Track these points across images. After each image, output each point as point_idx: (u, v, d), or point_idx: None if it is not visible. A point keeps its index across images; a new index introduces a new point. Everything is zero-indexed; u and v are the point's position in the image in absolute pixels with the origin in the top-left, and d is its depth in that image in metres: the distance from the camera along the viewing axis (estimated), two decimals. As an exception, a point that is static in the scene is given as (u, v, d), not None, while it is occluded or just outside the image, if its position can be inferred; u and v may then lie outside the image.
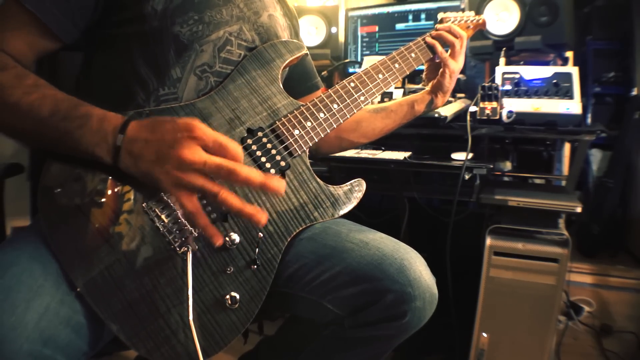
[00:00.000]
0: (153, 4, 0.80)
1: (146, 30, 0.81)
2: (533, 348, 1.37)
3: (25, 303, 0.63)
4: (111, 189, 0.73)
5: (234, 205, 0.66)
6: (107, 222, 0.71)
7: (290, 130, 0.86)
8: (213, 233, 0.69)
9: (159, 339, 0.71)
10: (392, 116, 1.13)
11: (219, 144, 0.66)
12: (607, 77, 2.01)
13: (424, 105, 1.13)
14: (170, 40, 0.82)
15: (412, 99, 1.13)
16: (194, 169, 0.65)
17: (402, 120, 1.15)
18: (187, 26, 0.83)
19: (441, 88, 1.11)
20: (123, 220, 0.72)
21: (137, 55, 0.82)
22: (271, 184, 0.66)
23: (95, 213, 0.71)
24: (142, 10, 0.80)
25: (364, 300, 0.82)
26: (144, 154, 0.67)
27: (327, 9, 2.05)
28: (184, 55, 0.83)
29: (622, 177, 1.83)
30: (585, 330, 1.67)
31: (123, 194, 0.73)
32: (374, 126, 1.13)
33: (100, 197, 0.72)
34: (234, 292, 0.76)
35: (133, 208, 0.73)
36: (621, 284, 1.67)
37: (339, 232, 0.88)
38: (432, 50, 1.08)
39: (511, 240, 1.37)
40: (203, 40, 0.84)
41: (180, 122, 0.67)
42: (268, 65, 0.90)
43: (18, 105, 0.70)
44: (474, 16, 1.20)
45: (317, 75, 1.16)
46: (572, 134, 1.40)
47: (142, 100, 0.82)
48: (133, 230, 0.72)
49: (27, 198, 1.26)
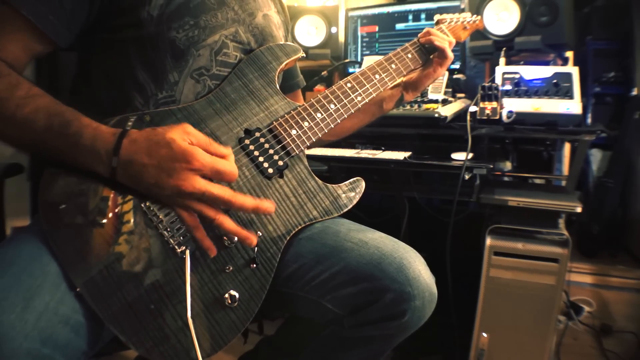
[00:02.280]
0: (149, 10, 0.81)
1: (143, 35, 0.81)
2: (533, 348, 1.37)
3: (24, 302, 0.63)
4: (110, 190, 0.73)
5: (230, 229, 0.74)
6: (107, 222, 0.71)
7: (288, 130, 0.86)
8: (208, 246, 0.75)
9: (158, 338, 0.71)
10: (360, 116, 1.11)
11: (217, 171, 0.71)
12: (607, 77, 2.00)
13: (393, 104, 1.13)
14: (167, 45, 0.82)
15: (380, 98, 1.10)
16: (193, 197, 0.71)
17: (370, 119, 1.15)
18: (183, 31, 0.83)
19: (417, 87, 1.11)
20: (122, 220, 0.72)
21: (134, 60, 0.82)
22: (262, 206, 0.74)
23: (95, 212, 0.71)
24: (138, 15, 0.80)
25: (363, 300, 0.82)
26: (142, 177, 0.70)
27: (327, 9, 2.05)
28: (181, 60, 0.83)
29: (622, 177, 1.83)
30: (585, 330, 1.67)
31: (122, 194, 0.73)
32: (342, 125, 1.12)
33: (100, 197, 0.72)
34: (233, 290, 0.76)
35: (132, 207, 0.73)
36: (621, 284, 1.67)
37: (338, 232, 0.88)
38: (428, 51, 1.08)
39: (511, 240, 1.37)
40: (199, 44, 0.85)
41: (178, 152, 0.68)
42: (265, 67, 0.91)
43: (13, 118, 0.70)
44: (470, 17, 1.20)
45: (300, 75, 1.15)
46: (572, 134, 1.40)
47: (140, 105, 0.82)
48: (133, 230, 0.72)
49: (27, 198, 1.27)
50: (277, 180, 0.84)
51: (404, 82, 1.12)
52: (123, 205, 0.73)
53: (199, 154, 0.69)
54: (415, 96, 1.14)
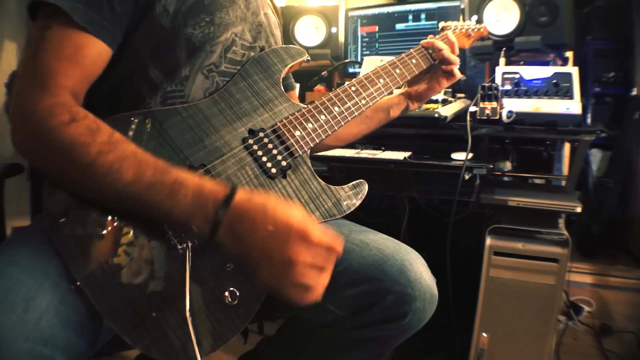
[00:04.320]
0: (165, 4, 0.80)
1: (158, 31, 0.81)
2: (533, 348, 1.37)
3: (25, 303, 0.62)
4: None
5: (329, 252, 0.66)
6: (109, 217, 0.71)
7: (292, 131, 0.86)
8: None
9: (157, 334, 0.71)
10: (367, 122, 1.14)
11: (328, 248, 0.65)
12: (607, 77, 2.01)
13: (399, 111, 1.15)
14: (183, 41, 0.82)
15: (387, 105, 1.13)
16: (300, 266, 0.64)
17: (377, 125, 1.16)
18: (200, 28, 0.83)
19: (422, 99, 1.14)
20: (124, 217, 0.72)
21: (146, 55, 0.82)
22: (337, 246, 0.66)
23: (97, 208, 0.70)
24: (154, 10, 0.80)
25: (364, 301, 0.82)
26: (249, 239, 0.64)
27: (327, 9, 2.05)
28: (195, 55, 0.83)
29: (622, 177, 1.83)
30: (585, 330, 1.67)
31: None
32: (350, 131, 1.13)
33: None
34: (233, 288, 0.76)
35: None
36: (621, 284, 1.67)
37: (340, 233, 0.88)
38: (432, 57, 1.09)
39: (511, 240, 1.37)
40: (214, 41, 0.85)
41: (296, 227, 0.64)
42: (270, 69, 0.92)
43: (93, 166, 0.64)
44: (475, 24, 1.20)
45: (291, 77, 1.15)
46: (572, 134, 1.40)
47: (149, 98, 0.82)
48: (134, 225, 0.72)
49: (27, 198, 1.26)
50: (280, 180, 0.84)
51: (410, 92, 1.14)
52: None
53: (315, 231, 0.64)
54: (418, 106, 1.16)
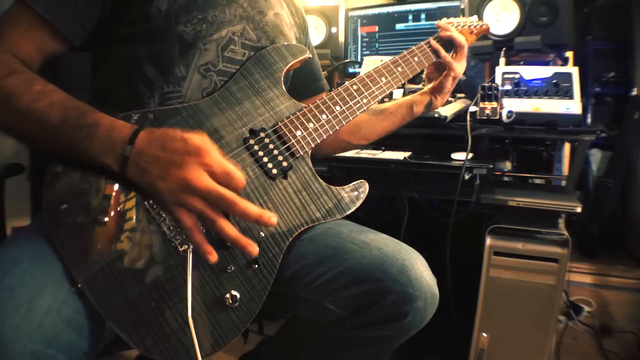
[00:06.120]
0: (157, 4, 0.81)
1: (151, 29, 0.82)
2: (533, 348, 1.38)
3: (28, 303, 0.63)
4: (115, 187, 0.73)
5: (230, 234, 0.70)
6: (110, 219, 0.71)
7: (293, 131, 0.86)
8: (207, 250, 0.71)
9: (158, 336, 0.71)
10: (391, 118, 1.13)
11: (226, 172, 0.69)
12: (607, 77, 2.01)
13: (423, 107, 1.14)
14: (175, 39, 0.83)
15: (410, 101, 1.13)
16: (197, 194, 0.68)
17: (400, 122, 1.15)
18: (191, 25, 0.83)
19: (442, 90, 1.12)
20: (125, 218, 0.72)
21: (142, 54, 0.83)
22: (265, 216, 0.70)
23: (97, 210, 0.71)
24: (147, 10, 0.81)
25: (365, 301, 0.82)
26: (151, 168, 0.69)
27: (327, 9, 2.05)
28: (188, 54, 0.84)
29: (622, 177, 1.83)
30: (585, 330, 1.67)
31: (125, 192, 0.73)
32: (374, 128, 1.14)
33: (103, 195, 0.72)
34: (234, 290, 0.76)
35: (135, 205, 0.73)
36: (621, 284, 1.67)
37: (340, 233, 0.89)
38: (435, 54, 1.08)
39: (511, 240, 1.37)
40: (207, 39, 0.85)
41: (191, 145, 0.68)
42: (271, 68, 0.91)
43: (27, 112, 0.70)
44: (477, 21, 1.20)
45: (323, 78, 1.16)
46: (572, 134, 1.40)
47: (147, 98, 0.82)
48: (135, 227, 0.72)
49: (27, 198, 1.26)
50: (280, 181, 0.84)
51: (430, 87, 1.13)
52: (126, 202, 0.73)
53: (212, 151, 0.69)
54: (445, 100, 1.15)
